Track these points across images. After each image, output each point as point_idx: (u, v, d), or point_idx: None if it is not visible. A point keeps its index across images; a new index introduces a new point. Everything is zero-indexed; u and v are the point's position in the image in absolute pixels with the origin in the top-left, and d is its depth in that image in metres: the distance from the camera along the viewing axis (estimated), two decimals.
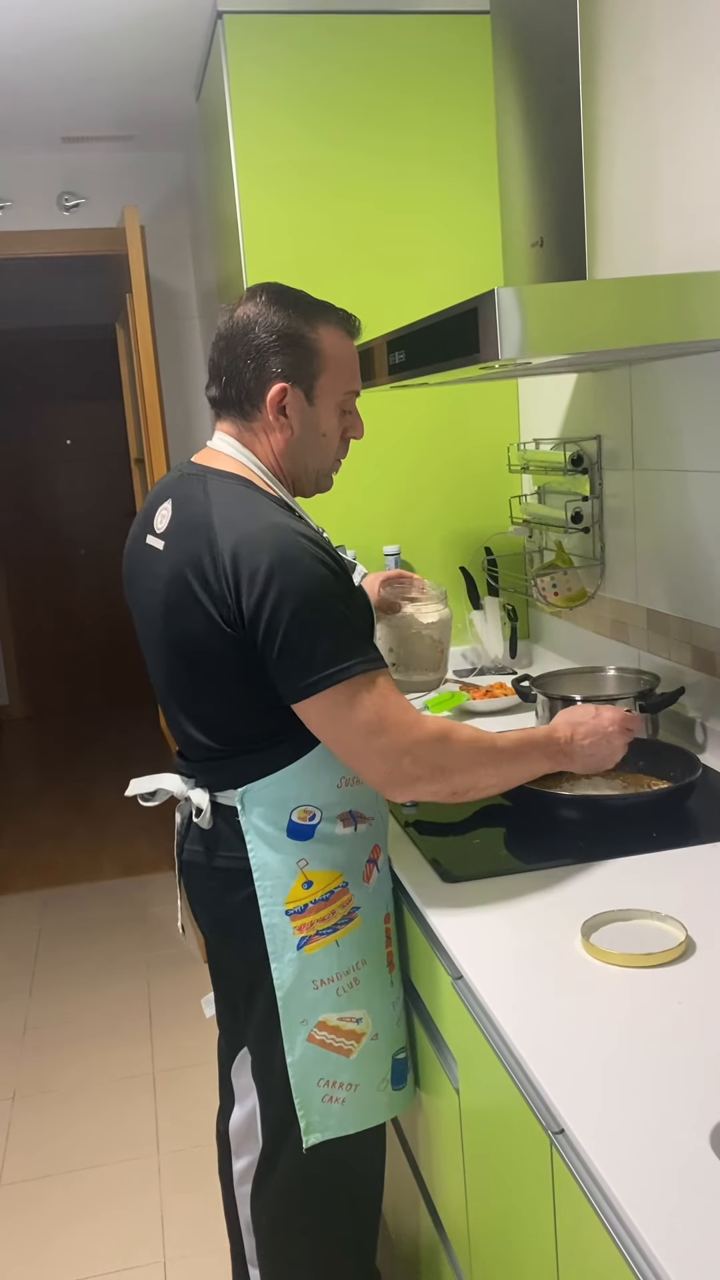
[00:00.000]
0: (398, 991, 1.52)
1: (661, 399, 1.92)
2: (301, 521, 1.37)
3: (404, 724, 1.31)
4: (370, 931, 1.46)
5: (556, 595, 2.30)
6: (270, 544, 1.27)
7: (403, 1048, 1.52)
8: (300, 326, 1.36)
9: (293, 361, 1.36)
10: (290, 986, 1.42)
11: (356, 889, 1.44)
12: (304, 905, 1.41)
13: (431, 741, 1.32)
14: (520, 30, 1.81)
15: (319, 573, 1.28)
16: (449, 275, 2.48)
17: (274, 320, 1.35)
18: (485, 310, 1.27)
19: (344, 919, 1.43)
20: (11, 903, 3.83)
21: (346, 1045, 1.45)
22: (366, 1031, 1.46)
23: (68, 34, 2.53)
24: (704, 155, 1.61)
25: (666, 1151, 0.88)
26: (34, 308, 5.88)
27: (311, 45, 2.36)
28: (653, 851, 1.45)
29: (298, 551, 1.28)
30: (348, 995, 1.44)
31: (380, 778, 1.33)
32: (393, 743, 1.30)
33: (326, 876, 1.41)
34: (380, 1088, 1.48)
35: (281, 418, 1.38)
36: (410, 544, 2.59)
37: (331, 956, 1.42)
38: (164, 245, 3.86)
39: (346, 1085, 1.46)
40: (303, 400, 1.38)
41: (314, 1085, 1.45)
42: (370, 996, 1.46)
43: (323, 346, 1.37)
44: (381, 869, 1.49)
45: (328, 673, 1.27)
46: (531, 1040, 1.05)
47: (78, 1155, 2.45)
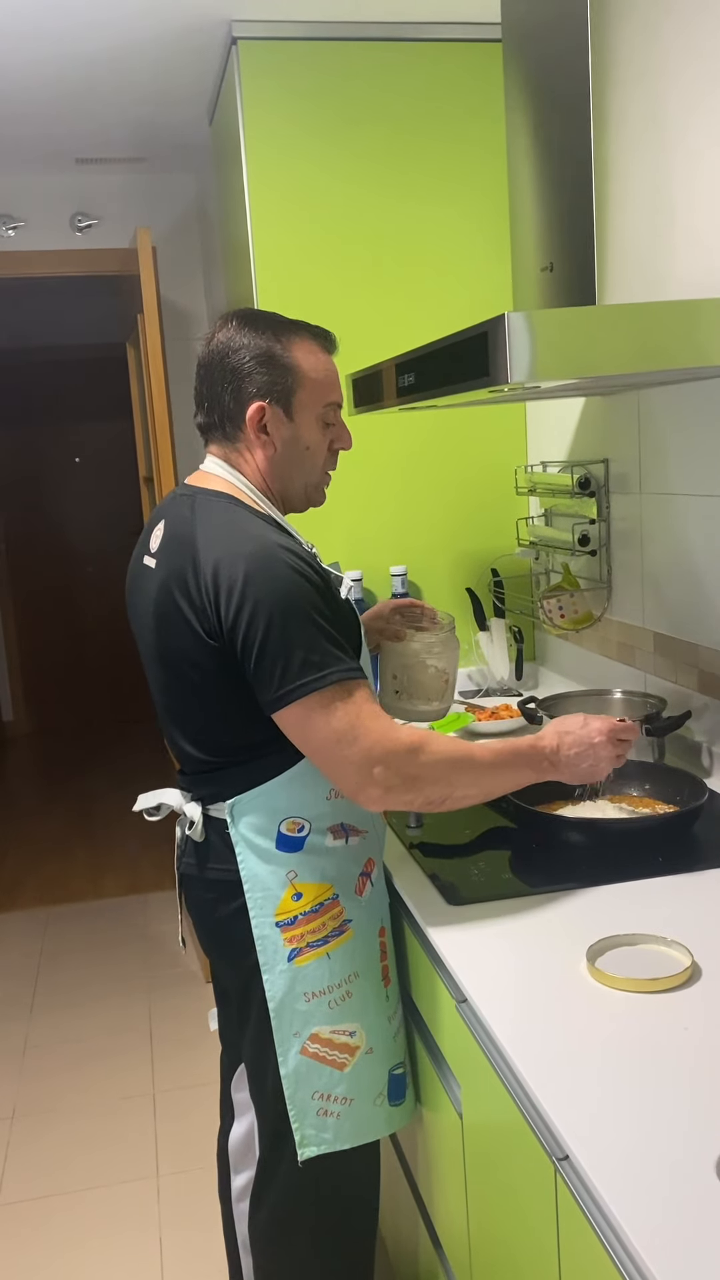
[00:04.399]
0: (394, 1006, 1.51)
1: (669, 424, 1.92)
2: (286, 536, 1.39)
3: (376, 733, 1.30)
4: (363, 944, 1.45)
5: (563, 617, 2.30)
6: (248, 555, 1.30)
7: (400, 1063, 1.51)
8: (272, 345, 1.39)
9: (268, 380, 1.39)
10: (282, 998, 1.42)
11: (348, 901, 1.44)
12: (294, 917, 1.41)
13: (404, 752, 1.32)
14: (531, 57, 1.83)
15: (296, 583, 1.30)
16: (459, 299, 2.50)
17: (246, 342, 1.39)
18: (495, 334, 1.27)
19: (335, 931, 1.43)
20: (14, 920, 3.83)
21: (340, 1059, 1.44)
22: (361, 1045, 1.45)
23: (83, 57, 2.56)
24: (715, 183, 1.62)
25: (672, 1179, 0.87)
26: (46, 327, 5.92)
27: (324, 71, 2.39)
28: (658, 876, 1.45)
29: (274, 562, 1.30)
30: (340, 1008, 1.43)
31: (352, 787, 1.33)
32: (364, 752, 1.30)
33: (316, 888, 1.42)
34: (377, 1102, 1.48)
35: (263, 435, 1.41)
36: (417, 565, 2.59)
37: (323, 969, 1.42)
38: (175, 266, 3.89)
39: (341, 1099, 1.45)
40: (282, 416, 1.41)
41: (309, 1098, 1.44)
42: (364, 1010, 1.45)
43: (296, 362, 1.40)
44: (376, 882, 1.49)
45: (302, 681, 1.29)
46: (535, 1064, 1.05)
47: (77, 1176, 2.43)
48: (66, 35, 2.42)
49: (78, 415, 6.37)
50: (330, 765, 1.33)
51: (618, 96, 1.68)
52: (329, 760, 1.33)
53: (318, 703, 1.29)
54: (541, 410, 2.52)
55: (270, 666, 1.29)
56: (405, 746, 1.32)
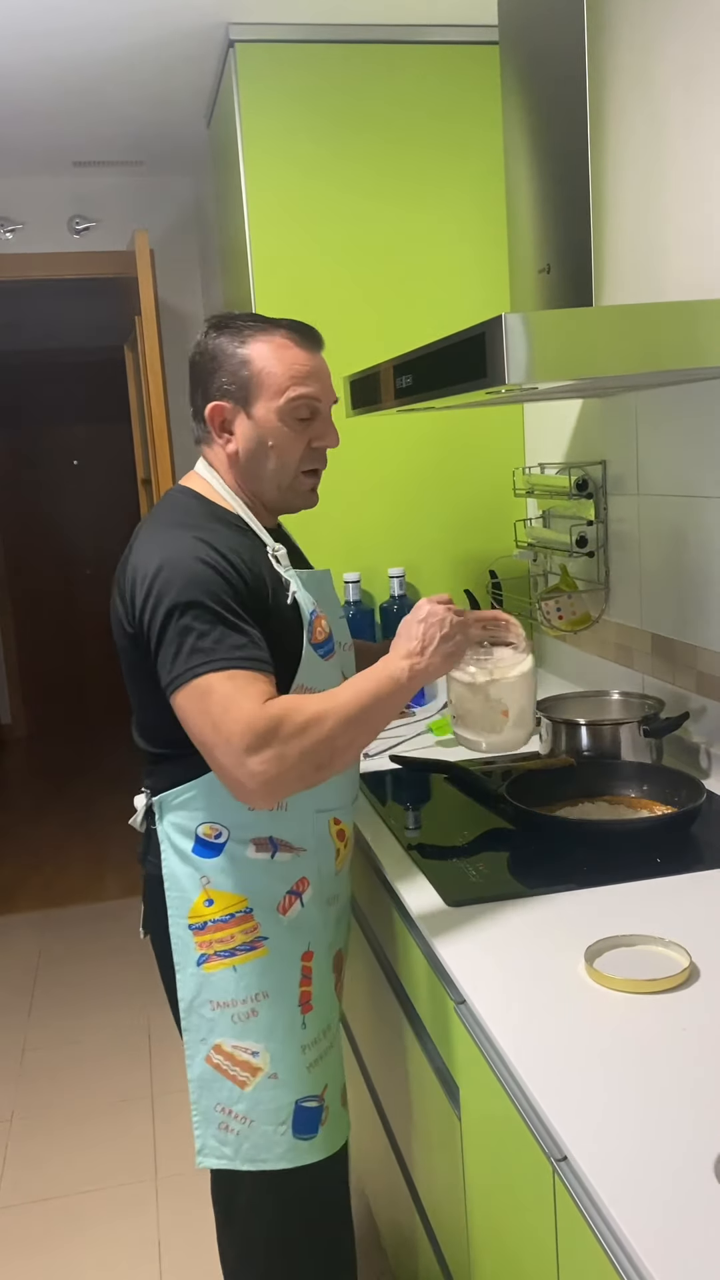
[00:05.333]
0: (313, 1035, 1.44)
1: (667, 425, 1.92)
2: (231, 532, 1.38)
3: (241, 720, 1.23)
4: (277, 965, 1.40)
5: (561, 619, 2.30)
6: (162, 546, 1.32)
7: (313, 1096, 1.43)
8: (230, 346, 1.39)
9: (227, 380, 1.39)
10: (191, 1001, 1.41)
11: (264, 917, 1.39)
12: (204, 922, 1.39)
13: (264, 733, 1.23)
14: (528, 59, 1.83)
15: (202, 575, 1.29)
16: (456, 301, 2.50)
17: (211, 346, 1.41)
18: (493, 335, 1.27)
19: (244, 945, 1.39)
20: (12, 923, 3.82)
21: (241, 1076, 1.40)
22: (264, 1067, 1.40)
23: (81, 60, 2.56)
24: (713, 183, 1.62)
25: (671, 1180, 0.87)
26: (44, 329, 5.92)
27: (322, 74, 2.39)
28: (657, 877, 1.45)
29: (186, 556, 1.30)
30: (243, 1025, 1.39)
31: (231, 785, 1.26)
32: (230, 743, 1.23)
33: (229, 898, 1.39)
34: (279, 1131, 1.41)
35: (225, 434, 1.42)
36: (416, 566, 2.60)
37: (229, 980, 1.39)
38: (173, 269, 3.90)
39: (241, 1117, 1.41)
40: (242, 415, 1.40)
41: (211, 1108, 1.42)
42: (270, 1033, 1.40)
43: (251, 358, 1.39)
44: (310, 904, 1.43)
45: (189, 666, 1.26)
46: (534, 1065, 1.05)
47: (76, 1178, 2.43)
48: (64, 38, 2.42)
49: (76, 418, 6.38)
50: (211, 762, 1.27)
51: (614, 98, 1.69)
52: (209, 757, 1.27)
53: (197, 690, 1.25)
54: (539, 412, 2.52)
55: (165, 654, 1.28)
56: (264, 726, 1.23)
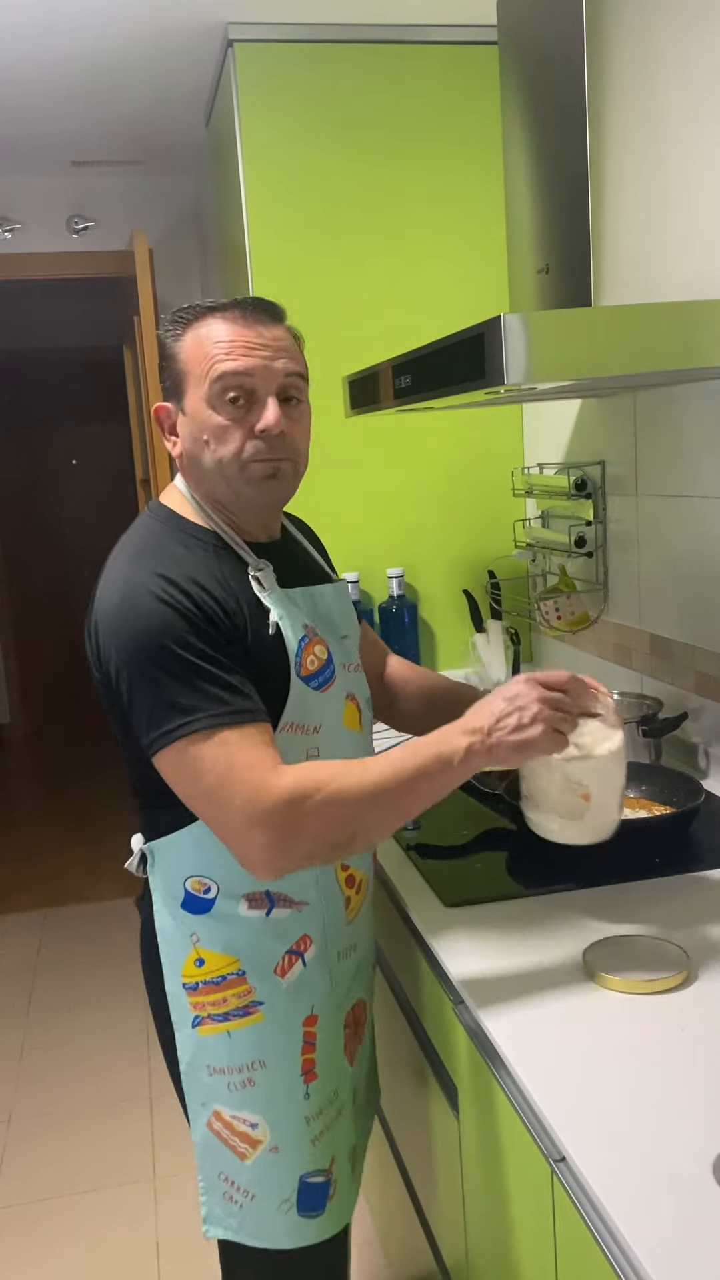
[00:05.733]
0: (318, 1106, 1.30)
1: (666, 425, 1.92)
2: (204, 554, 1.22)
3: (248, 788, 1.10)
4: (275, 1033, 1.27)
5: (560, 619, 2.30)
6: (115, 588, 1.18)
7: (319, 1171, 1.30)
8: (168, 341, 1.26)
9: (168, 379, 1.27)
10: (189, 1062, 1.29)
11: (260, 981, 1.25)
12: (196, 983, 1.26)
13: (282, 805, 1.10)
14: (527, 59, 1.83)
15: (151, 617, 1.13)
16: (455, 301, 2.50)
17: (160, 344, 1.28)
18: (492, 336, 1.27)
19: (238, 1010, 1.26)
20: (11, 922, 3.82)
21: (241, 1147, 1.28)
22: (263, 1140, 1.28)
23: (79, 60, 2.56)
24: (710, 184, 1.62)
25: (669, 1180, 0.87)
26: (42, 329, 5.92)
27: (321, 74, 2.39)
28: (656, 877, 1.45)
29: (134, 594, 1.15)
30: (240, 1094, 1.27)
31: (236, 855, 1.14)
32: (238, 814, 1.11)
33: (220, 959, 1.25)
34: (281, 1209, 1.29)
35: (173, 437, 1.29)
36: (414, 567, 2.60)
37: (223, 1046, 1.26)
38: (172, 268, 3.89)
39: (244, 1190, 1.29)
40: (179, 414, 1.26)
41: (215, 1177, 1.31)
42: (269, 1104, 1.27)
43: (181, 346, 1.24)
44: (315, 963, 1.28)
45: (167, 728, 1.13)
46: (532, 1066, 1.05)
47: (74, 1178, 2.43)
48: (63, 37, 2.42)
49: (74, 417, 6.37)
50: (213, 828, 1.16)
51: (613, 98, 1.69)
52: (210, 823, 1.15)
53: (186, 751, 1.12)
54: (538, 412, 2.52)
55: (139, 710, 1.14)
56: (284, 799, 1.10)
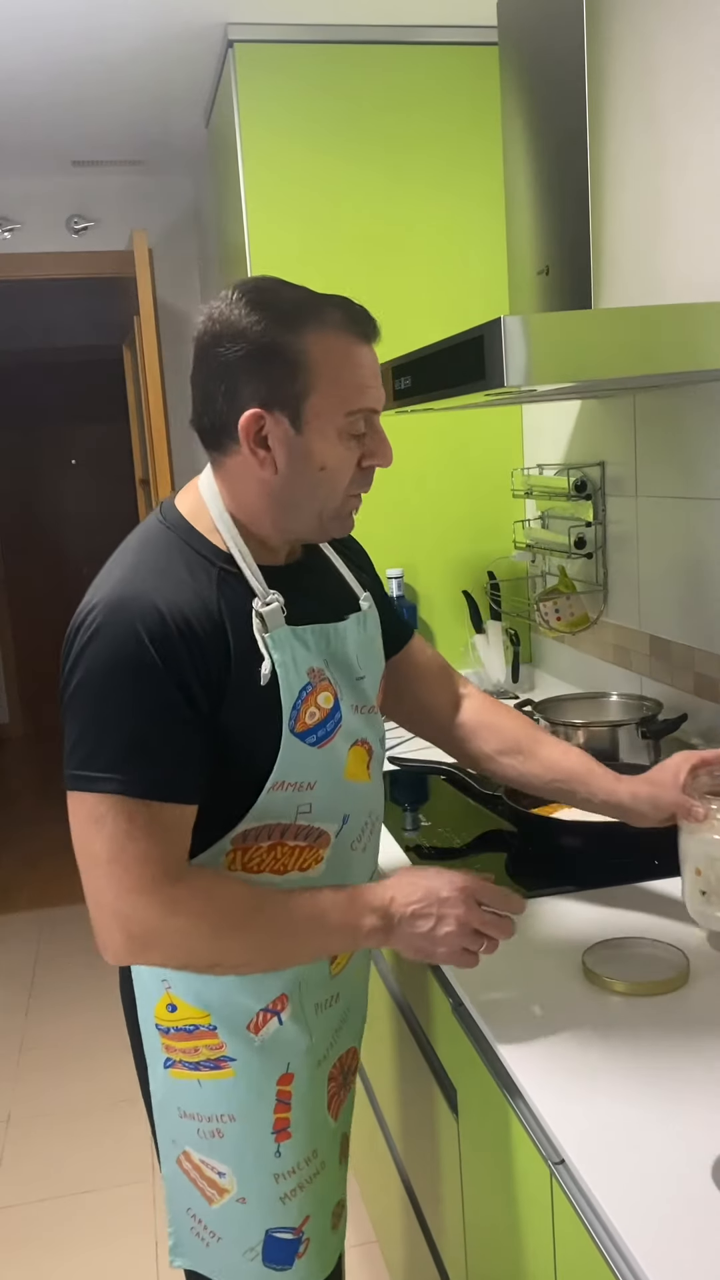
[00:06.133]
0: (291, 1163, 1.23)
1: (665, 426, 1.93)
2: (206, 587, 1.09)
3: (132, 878, 1.03)
4: (247, 1090, 1.19)
5: (559, 620, 2.30)
6: (103, 602, 1.06)
7: (287, 1229, 1.24)
8: (278, 334, 1.05)
9: (270, 381, 1.06)
10: (161, 1100, 1.24)
11: (231, 1037, 1.17)
12: (168, 1028, 1.20)
13: (153, 916, 1.04)
14: (528, 61, 1.83)
15: (126, 650, 1.02)
16: (455, 303, 2.50)
17: (247, 325, 1.05)
18: (492, 338, 1.27)
19: (208, 1062, 1.19)
20: (10, 922, 3.82)
21: (209, 1191, 1.24)
22: (231, 1190, 1.22)
23: (80, 60, 2.56)
24: (710, 186, 1.62)
25: (668, 1183, 0.87)
26: (42, 329, 5.92)
27: (321, 75, 2.39)
28: (654, 879, 1.45)
29: (119, 616, 1.04)
30: (209, 1142, 1.22)
31: (96, 933, 1.07)
32: (112, 898, 1.04)
33: (190, 1010, 1.18)
34: (247, 1257, 1.24)
35: (261, 451, 1.08)
36: (414, 567, 2.60)
37: (194, 1093, 1.21)
38: (172, 269, 3.90)
39: (210, 1231, 1.25)
40: (287, 428, 1.07)
41: (182, 1211, 1.27)
42: (238, 1158, 1.21)
43: (310, 358, 1.06)
44: (291, 1021, 1.19)
45: (77, 773, 1.04)
46: (532, 1068, 1.05)
47: (73, 1179, 2.43)
48: (64, 38, 2.42)
49: (74, 417, 6.37)
50: (85, 892, 1.06)
51: (613, 100, 1.69)
52: (85, 885, 1.06)
53: (84, 808, 1.04)
54: (538, 413, 2.52)
55: (69, 737, 1.06)
56: (160, 905, 1.04)
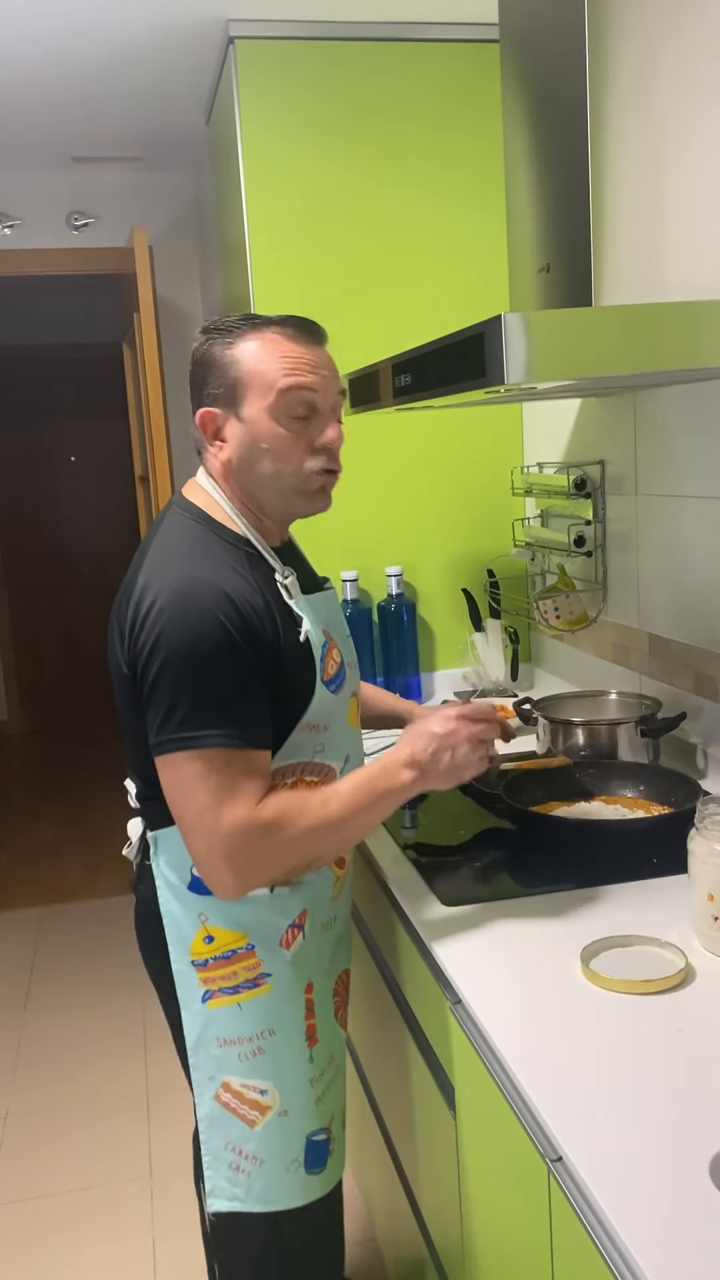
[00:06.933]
0: (320, 1068, 1.40)
1: (665, 425, 1.92)
2: (240, 565, 1.31)
3: (235, 817, 1.22)
4: (283, 1001, 1.36)
5: (558, 618, 2.30)
6: (170, 589, 1.24)
7: (322, 1129, 1.41)
8: (216, 349, 1.33)
9: (216, 385, 1.33)
10: (198, 1038, 1.36)
11: (267, 954, 1.35)
12: (206, 959, 1.35)
13: (260, 834, 1.23)
14: (529, 59, 1.83)
15: (207, 628, 1.22)
16: (455, 299, 2.50)
17: (199, 351, 1.35)
18: (492, 335, 1.27)
19: (247, 983, 1.34)
20: (8, 920, 3.82)
21: (251, 1115, 1.36)
22: (274, 1106, 1.36)
23: (81, 56, 2.56)
24: (712, 184, 1.62)
25: (665, 1181, 0.87)
26: (42, 325, 5.91)
27: (322, 71, 2.39)
28: (653, 878, 1.45)
29: (192, 601, 1.23)
30: (251, 1063, 1.35)
31: (202, 870, 1.26)
32: (220, 837, 1.22)
33: (229, 935, 1.34)
34: (290, 1169, 1.38)
35: (219, 442, 1.35)
36: (413, 565, 2.59)
37: (235, 1018, 1.35)
38: (172, 265, 3.89)
39: (252, 1158, 1.37)
40: (232, 419, 1.33)
41: (222, 1148, 1.38)
42: (279, 1070, 1.36)
43: (238, 358, 1.31)
44: (312, 934, 1.39)
45: (177, 735, 1.22)
46: (530, 1066, 1.05)
47: (71, 1177, 2.43)
48: (64, 34, 2.42)
49: (73, 414, 6.37)
50: (188, 839, 1.26)
51: (615, 98, 1.68)
52: (187, 833, 1.25)
53: (188, 765, 1.22)
54: (538, 411, 2.52)
55: (156, 710, 1.23)
56: (261, 827, 1.23)
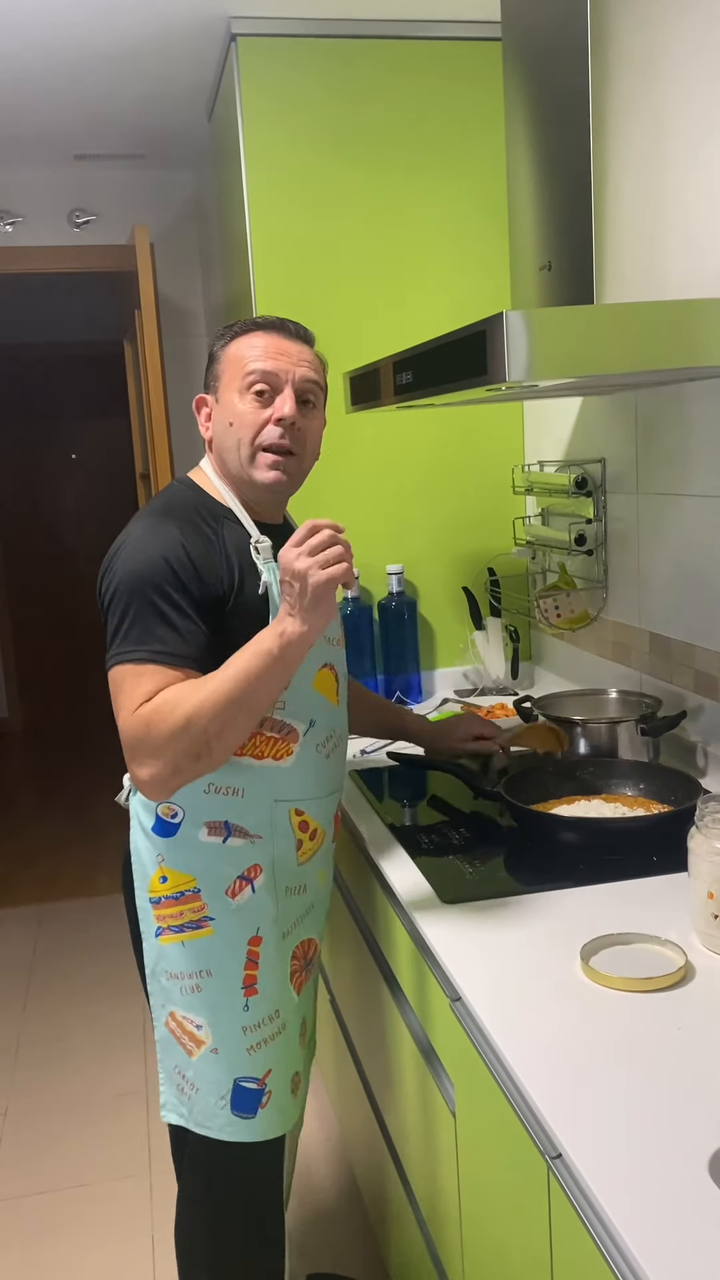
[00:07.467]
0: (256, 1018, 1.47)
1: (666, 423, 1.92)
2: (213, 521, 1.44)
3: (122, 724, 1.32)
4: (222, 946, 1.46)
5: (559, 617, 2.30)
6: (134, 536, 1.39)
7: (252, 1079, 1.48)
8: (216, 344, 1.51)
9: (210, 377, 1.51)
10: (152, 969, 1.50)
11: (211, 899, 1.45)
12: (159, 898, 1.47)
13: (138, 737, 1.30)
14: (531, 56, 1.83)
15: (153, 565, 1.34)
16: (456, 297, 2.50)
17: (210, 353, 1.53)
18: (494, 332, 1.27)
19: (192, 923, 1.46)
20: (8, 916, 3.82)
21: (189, 1045, 1.49)
22: (206, 1041, 1.48)
23: (82, 53, 2.56)
24: (713, 182, 1.62)
25: (665, 1178, 0.87)
26: (43, 323, 5.91)
27: (324, 69, 2.39)
28: (653, 875, 1.45)
29: (148, 544, 1.36)
30: (190, 997, 1.48)
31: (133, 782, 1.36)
32: (125, 746, 1.32)
33: (179, 876, 1.45)
34: (219, 1105, 1.49)
35: (206, 422, 1.52)
36: (414, 563, 2.59)
37: (178, 954, 1.47)
38: (173, 263, 3.89)
39: (191, 1083, 1.50)
40: (214, 404, 1.50)
41: (171, 1069, 1.52)
42: (213, 1010, 1.47)
43: (227, 350, 1.48)
44: (262, 890, 1.46)
45: (115, 652, 1.34)
46: (529, 1063, 1.05)
47: (69, 1172, 2.43)
48: (66, 31, 2.41)
49: (74, 412, 6.36)
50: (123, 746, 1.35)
51: (617, 96, 1.68)
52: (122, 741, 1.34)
53: (116, 677, 1.33)
54: (538, 409, 2.52)
55: (109, 635, 1.36)
56: (137, 730, 1.31)
